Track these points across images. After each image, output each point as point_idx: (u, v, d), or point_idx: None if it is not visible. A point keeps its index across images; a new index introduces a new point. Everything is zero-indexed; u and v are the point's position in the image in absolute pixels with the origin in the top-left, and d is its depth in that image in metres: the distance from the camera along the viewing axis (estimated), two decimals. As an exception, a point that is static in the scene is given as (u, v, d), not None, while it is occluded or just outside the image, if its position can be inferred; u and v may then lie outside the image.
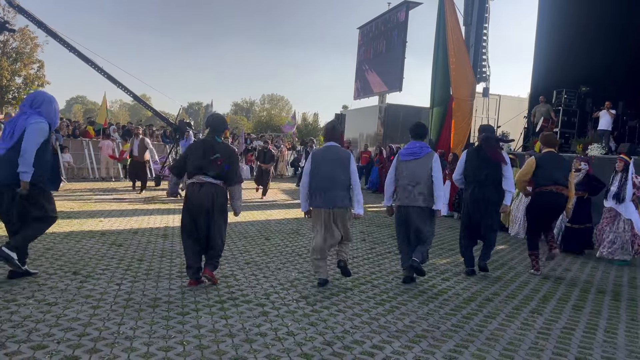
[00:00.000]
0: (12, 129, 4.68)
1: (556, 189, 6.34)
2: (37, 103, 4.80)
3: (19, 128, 4.64)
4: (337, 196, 5.21)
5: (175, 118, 16.03)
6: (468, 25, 16.45)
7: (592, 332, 4.42)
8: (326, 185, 5.20)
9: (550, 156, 6.55)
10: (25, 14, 12.49)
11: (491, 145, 6.15)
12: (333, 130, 5.54)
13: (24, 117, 4.71)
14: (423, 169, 5.54)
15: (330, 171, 5.21)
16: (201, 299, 4.52)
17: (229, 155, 5.00)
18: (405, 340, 3.90)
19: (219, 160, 4.87)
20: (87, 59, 13.06)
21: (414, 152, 5.65)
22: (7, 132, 4.70)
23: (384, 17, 28.85)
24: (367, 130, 27.41)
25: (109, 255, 6.00)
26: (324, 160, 5.29)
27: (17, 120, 4.73)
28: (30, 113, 4.74)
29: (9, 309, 3.95)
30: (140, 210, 9.92)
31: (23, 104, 4.90)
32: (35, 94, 4.94)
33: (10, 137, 4.64)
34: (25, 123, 4.65)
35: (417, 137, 5.77)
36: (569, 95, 14.80)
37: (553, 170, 6.39)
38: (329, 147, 5.40)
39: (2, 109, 35.34)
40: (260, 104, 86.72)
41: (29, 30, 34.86)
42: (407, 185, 5.58)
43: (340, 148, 5.45)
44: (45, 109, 4.80)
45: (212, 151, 4.90)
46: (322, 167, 5.25)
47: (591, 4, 15.21)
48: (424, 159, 5.57)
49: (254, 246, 7.07)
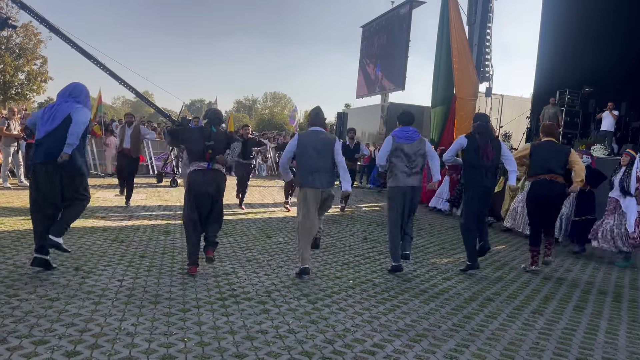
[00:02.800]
0: (52, 114, 4.89)
1: (550, 177, 6.32)
2: (75, 93, 5.07)
3: (60, 113, 4.88)
4: (324, 178, 5.48)
5: (178, 115, 16.03)
6: (471, 24, 16.44)
7: (593, 333, 4.42)
8: (315, 166, 5.43)
9: (548, 145, 6.52)
10: (28, 10, 12.49)
11: (485, 139, 6.09)
12: (317, 116, 5.74)
13: (66, 104, 4.94)
14: (418, 152, 5.91)
15: (317, 154, 5.45)
16: (202, 296, 4.53)
17: (224, 138, 5.38)
18: (406, 339, 3.90)
19: (209, 151, 5.21)
20: (89, 55, 13.06)
21: (409, 136, 5.95)
22: (47, 116, 4.91)
23: (387, 16, 28.82)
24: (369, 129, 27.40)
25: (111, 251, 6.01)
26: (311, 144, 5.47)
27: (57, 106, 4.95)
28: (72, 101, 4.99)
29: (11, 304, 3.97)
30: (142, 206, 9.93)
31: (62, 93, 5.09)
32: (74, 84, 5.16)
33: (50, 122, 4.86)
34: (69, 109, 4.90)
35: (407, 124, 6.07)
36: (572, 96, 14.78)
37: (548, 159, 6.36)
38: (314, 131, 5.59)
39: (6, 105, 35.42)
40: (262, 101, 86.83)
41: (32, 26, 34.90)
42: (405, 167, 5.86)
43: (325, 132, 5.66)
44: (83, 100, 5.09)
45: (209, 138, 5.24)
46: (309, 149, 5.45)
47: (595, 5, 15.18)
48: (418, 143, 5.94)
49: (255, 244, 7.07)
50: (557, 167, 6.36)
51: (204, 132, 5.29)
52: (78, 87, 5.13)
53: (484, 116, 6.52)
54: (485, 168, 6.08)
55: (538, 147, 6.56)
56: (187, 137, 5.41)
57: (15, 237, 6.33)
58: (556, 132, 6.98)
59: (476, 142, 6.09)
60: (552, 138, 6.65)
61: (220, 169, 5.33)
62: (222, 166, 5.36)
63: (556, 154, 6.44)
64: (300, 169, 5.52)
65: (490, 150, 6.08)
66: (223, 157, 5.35)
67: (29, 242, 6.13)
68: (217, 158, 5.28)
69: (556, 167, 6.36)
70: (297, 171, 5.63)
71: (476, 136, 6.13)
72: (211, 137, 5.25)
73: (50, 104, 5.14)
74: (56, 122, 4.86)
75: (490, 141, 6.13)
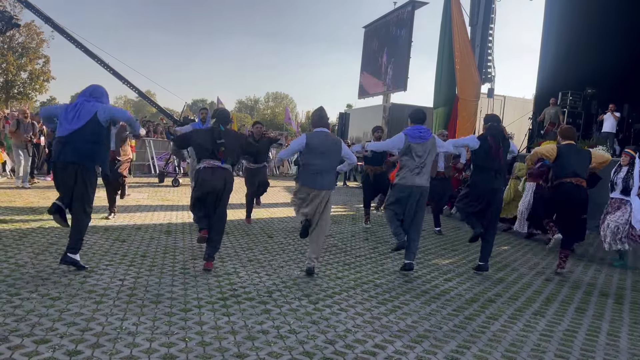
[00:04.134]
0: (76, 112, 4.99)
1: (576, 180, 6.26)
2: (97, 94, 5.20)
3: (85, 112, 4.99)
4: (330, 180, 5.61)
5: (180, 114, 16.06)
6: (474, 25, 16.42)
7: (594, 334, 4.41)
8: (322, 167, 5.53)
9: (570, 147, 6.46)
10: (33, 9, 12.50)
11: (497, 141, 6.03)
12: (321, 118, 5.77)
13: (89, 103, 5.05)
14: (430, 153, 5.89)
15: (323, 155, 5.53)
16: (204, 296, 4.53)
17: (234, 137, 5.57)
18: (407, 340, 3.90)
19: (220, 150, 5.35)
20: (93, 55, 13.08)
21: (422, 135, 5.88)
22: (70, 115, 4.99)
23: (389, 17, 28.80)
24: (371, 129, 27.36)
25: (112, 250, 6.01)
26: (320, 145, 5.54)
27: (81, 105, 5.03)
28: (94, 100, 5.11)
29: (12, 303, 3.97)
30: (144, 206, 9.94)
31: (83, 93, 5.20)
32: (94, 86, 5.30)
33: (76, 120, 4.96)
34: (94, 108, 5.01)
35: (419, 122, 6.02)
36: (574, 97, 14.76)
37: (573, 162, 6.30)
38: (320, 132, 5.64)
39: (8, 104, 35.48)
40: (264, 101, 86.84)
41: (35, 25, 34.94)
42: (414, 166, 5.82)
43: (331, 134, 5.76)
44: (104, 101, 5.22)
45: (219, 137, 5.37)
46: (317, 150, 5.52)
47: (598, 6, 15.16)
48: (430, 142, 5.89)
49: (256, 244, 7.07)
50: (582, 171, 6.32)
51: (214, 131, 5.42)
52: (98, 89, 5.25)
53: (495, 117, 6.41)
54: (495, 170, 6.03)
55: (563, 148, 6.43)
56: (198, 137, 5.51)
57: (17, 236, 6.34)
58: (575, 136, 6.93)
59: (487, 143, 6.02)
60: (572, 141, 6.60)
61: (229, 168, 5.48)
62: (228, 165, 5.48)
63: (580, 158, 6.41)
64: (305, 169, 5.58)
65: (501, 151, 6.05)
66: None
67: (30, 241, 6.15)
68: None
69: (581, 171, 6.31)
70: (301, 170, 5.69)
71: (488, 138, 6.06)
72: (221, 136, 5.38)
73: (71, 102, 5.22)
74: (82, 120, 4.95)
75: (502, 142, 6.09)
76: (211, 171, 5.35)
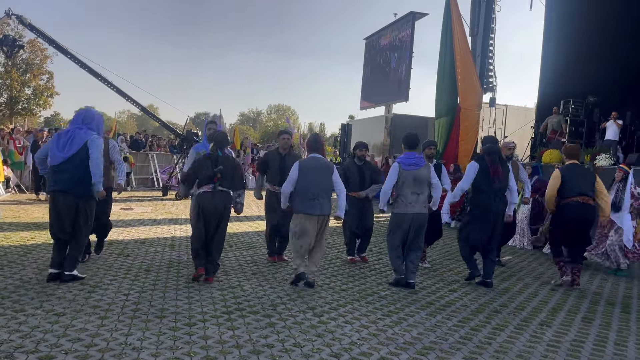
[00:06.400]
0: (68, 139, 5.07)
1: (582, 199, 6.19)
2: (88, 119, 5.26)
3: (77, 141, 5.07)
4: (324, 204, 5.62)
5: (183, 128, 16.13)
6: (474, 35, 16.48)
7: (602, 344, 4.37)
8: (315, 192, 5.56)
9: (575, 167, 6.44)
10: (36, 32, 12.65)
11: (494, 160, 6.04)
12: (315, 143, 5.89)
13: (81, 131, 5.13)
14: (424, 179, 5.85)
15: (317, 180, 5.59)
16: (208, 310, 4.52)
17: (230, 166, 5.60)
18: (413, 352, 3.88)
19: (217, 176, 5.44)
20: (96, 74, 13.23)
21: (415, 162, 5.87)
22: (62, 142, 5.07)
23: (390, 28, 28.95)
24: (373, 140, 27.35)
25: (117, 265, 6.02)
26: (312, 170, 5.62)
27: (73, 133, 5.12)
28: (86, 128, 5.18)
29: (17, 319, 3.97)
30: (148, 220, 9.95)
31: (74, 120, 5.33)
32: (86, 111, 5.37)
33: (68, 148, 5.03)
34: (85, 137, 5.09)
35: (413, 148, 6.01)
36: (576, 105, 14.75)
37: (578, 181, 6.26)
38: (314, 158, 5.75)
39: (12, 120, 35.71)
40: (267, 114, 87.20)
41: (38, 42, 35.20)
42: (411, 194, 5.78)
43: (324, 159, 5.87)
44: (95, 125, 5.29)
45: (216, 164, 5.47)
46: (310, 176, 5.58)
47: (598, 14, 15.21)
48: (424, 169, 5.88)
49: (260, 257, 7.06)
50: (588, 189, 6.26)
51: (212, 158, 5.53)
52: (89, 114, 5.31)
53: (493, 139, 6.53)
54: (495, 192, 6.02)
55: (566, 170, 6.40)
56: (200, 168, 5.57)
57: (22, 252, 6.35)
58: (578, 154, 6.90)
59: (485, 163, 6.04)
60: (576, 160, 6.60)
61: (229, 192, 5.57)
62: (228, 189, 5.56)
63: (585, 176, 6.38)
64: (300, 195, 5.60)
65: (501, 172, 6.03)
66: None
67: (35, 256, 6.16)
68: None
69: (587, 189, 6.26)
70: (295, 197, 5.65)
71: (485, 157, 6.07)
72: (218, 162, 5.48)
73: (62, 130, 5.32)
74: (74, 148, 5.03)
75: (500, 162, 6.08)
76: (211, 195, 5.46)
